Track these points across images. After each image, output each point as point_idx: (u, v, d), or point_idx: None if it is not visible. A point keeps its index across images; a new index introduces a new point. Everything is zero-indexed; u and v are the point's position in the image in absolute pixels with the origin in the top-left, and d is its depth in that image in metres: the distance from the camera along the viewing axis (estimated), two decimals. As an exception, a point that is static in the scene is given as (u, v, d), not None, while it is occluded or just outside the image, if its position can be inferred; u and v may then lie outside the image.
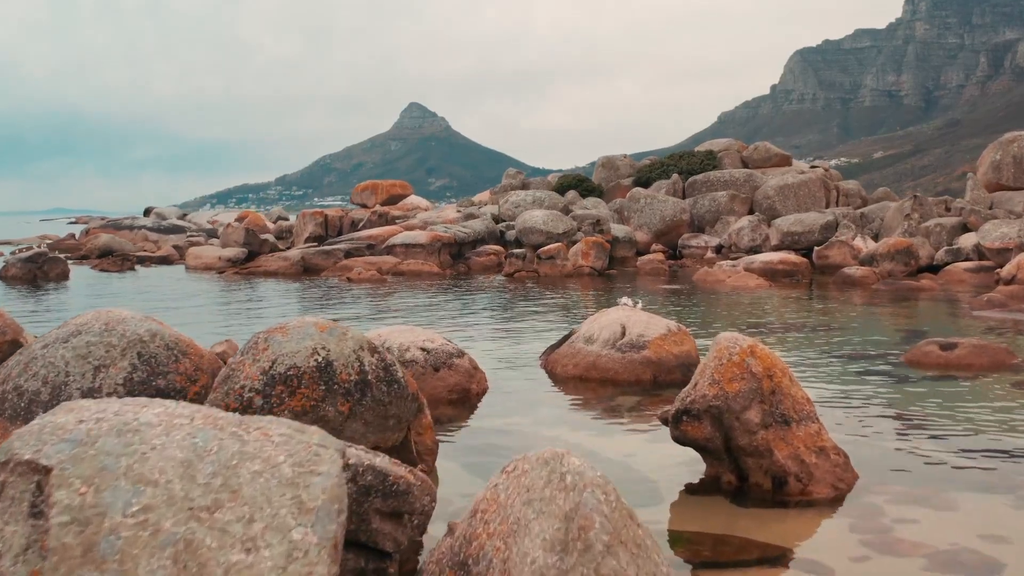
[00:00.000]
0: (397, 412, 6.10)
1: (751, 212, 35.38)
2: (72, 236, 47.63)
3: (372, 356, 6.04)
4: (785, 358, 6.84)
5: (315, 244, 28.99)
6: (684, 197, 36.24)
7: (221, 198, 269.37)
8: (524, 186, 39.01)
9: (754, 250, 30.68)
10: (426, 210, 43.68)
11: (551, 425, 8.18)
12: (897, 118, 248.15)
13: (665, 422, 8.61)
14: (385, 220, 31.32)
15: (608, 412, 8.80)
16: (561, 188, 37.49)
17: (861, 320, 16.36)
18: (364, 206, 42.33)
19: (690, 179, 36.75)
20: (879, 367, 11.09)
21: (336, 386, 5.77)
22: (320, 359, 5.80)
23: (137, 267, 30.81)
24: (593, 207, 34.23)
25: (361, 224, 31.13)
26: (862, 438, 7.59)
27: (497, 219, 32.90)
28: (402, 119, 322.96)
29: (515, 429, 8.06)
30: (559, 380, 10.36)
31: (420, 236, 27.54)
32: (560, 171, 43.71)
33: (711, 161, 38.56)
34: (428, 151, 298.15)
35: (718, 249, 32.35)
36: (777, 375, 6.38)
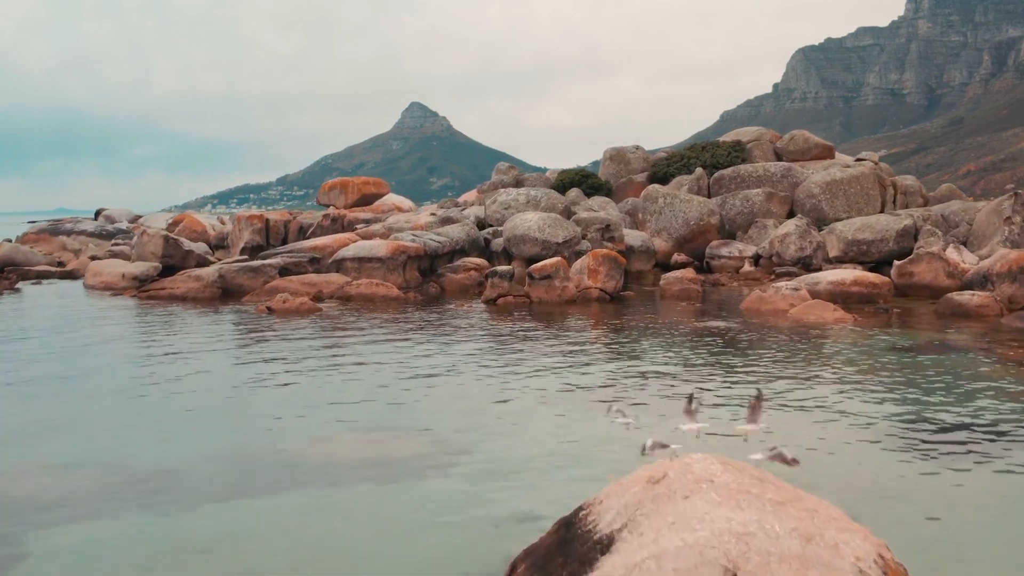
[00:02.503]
0: None
1: (791, 213, 28.50)
2: (8, 241, 40.86)
3: None
4: None
5: (244, 259, 22.05)
6: (709, 196, 29.36)
7: (222, 198, 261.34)
8: (518, 183, 32.07)
9: (804, 262, 23.79)
10: (409, 211, 37.06)
11: None
12: (900, 116, 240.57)
13: None
14: (340, 226, 24.36)
15: None
16: (561, 185, 30.59)
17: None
18: (332, 207, 35.53)
19: (716, 174, 29.82)
20: None
21: None
22: None
23: (25, 284, 23.89)
24: (600, 208, 27.31)
25: (310, 230, 24.24)
26: None
27: (482, 223, 26.01)
28: (403, 118, 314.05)
29: None
30: None
31: (377, 247, 20.61)
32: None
33: (739, 153, 31.61)
34: (429, 150, 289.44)
35: (756, 260, 25.45)
36: None
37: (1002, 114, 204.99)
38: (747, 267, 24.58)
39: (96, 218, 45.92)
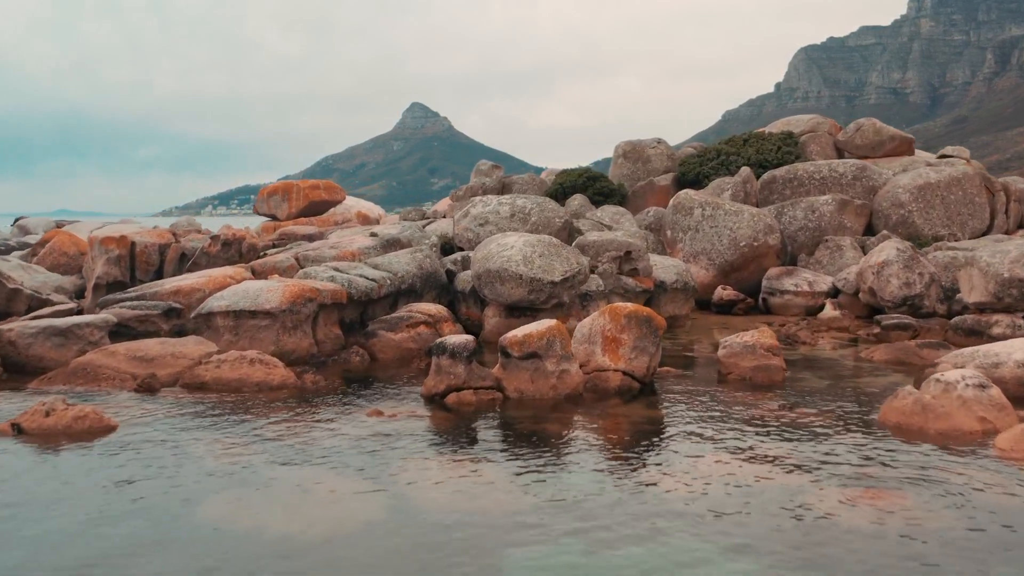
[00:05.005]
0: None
1: (869, 228, 20.56)
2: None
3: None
4: None
5: (59, 310, 13.94)
6: (757, 204, 21.40)
7: (223, 199, 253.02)
8: (504, 188, 24.07)
9: (911, 304, 15.82)
10: (378, 221, 29.36)
11: None
12: (903, 116, 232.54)
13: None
14: (236, 252, 16.25)
15: None
16: (561, 190, 22.60)
17: None
18: (274, 218, 27.59)
19: (766, 175, 21.83)
20: None
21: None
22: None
23: None
24: (615, 223, 19.32)
25: (192, 258, 16.20)
26: None
27: (448, 246, 18.02)
28: (404, 119, 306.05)
29: None
30: None
31: (268, 293, 12.52)
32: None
33: (792, 148, 23.61)
34: (431, 151, 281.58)
35: (834, 296, 17.48)
36: None
37: (1006, 113, 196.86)
38: (830, 310, 16.53)
39: (12, 227, 37.83)
